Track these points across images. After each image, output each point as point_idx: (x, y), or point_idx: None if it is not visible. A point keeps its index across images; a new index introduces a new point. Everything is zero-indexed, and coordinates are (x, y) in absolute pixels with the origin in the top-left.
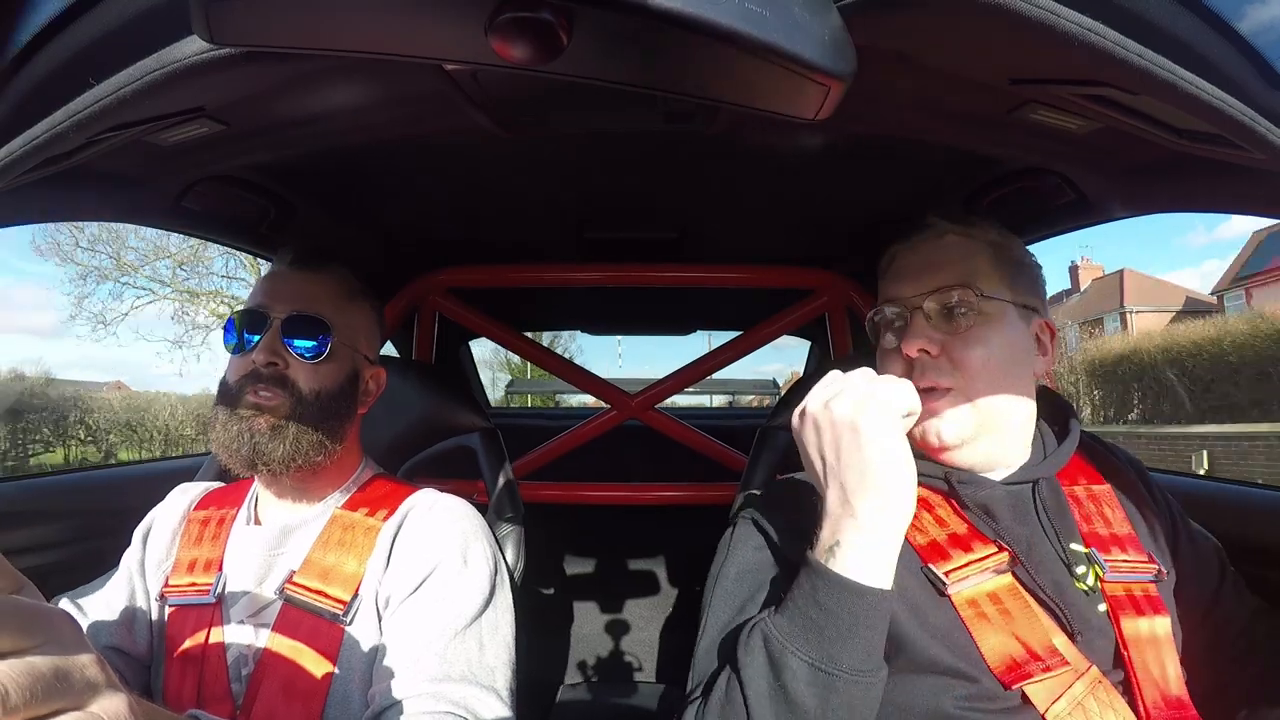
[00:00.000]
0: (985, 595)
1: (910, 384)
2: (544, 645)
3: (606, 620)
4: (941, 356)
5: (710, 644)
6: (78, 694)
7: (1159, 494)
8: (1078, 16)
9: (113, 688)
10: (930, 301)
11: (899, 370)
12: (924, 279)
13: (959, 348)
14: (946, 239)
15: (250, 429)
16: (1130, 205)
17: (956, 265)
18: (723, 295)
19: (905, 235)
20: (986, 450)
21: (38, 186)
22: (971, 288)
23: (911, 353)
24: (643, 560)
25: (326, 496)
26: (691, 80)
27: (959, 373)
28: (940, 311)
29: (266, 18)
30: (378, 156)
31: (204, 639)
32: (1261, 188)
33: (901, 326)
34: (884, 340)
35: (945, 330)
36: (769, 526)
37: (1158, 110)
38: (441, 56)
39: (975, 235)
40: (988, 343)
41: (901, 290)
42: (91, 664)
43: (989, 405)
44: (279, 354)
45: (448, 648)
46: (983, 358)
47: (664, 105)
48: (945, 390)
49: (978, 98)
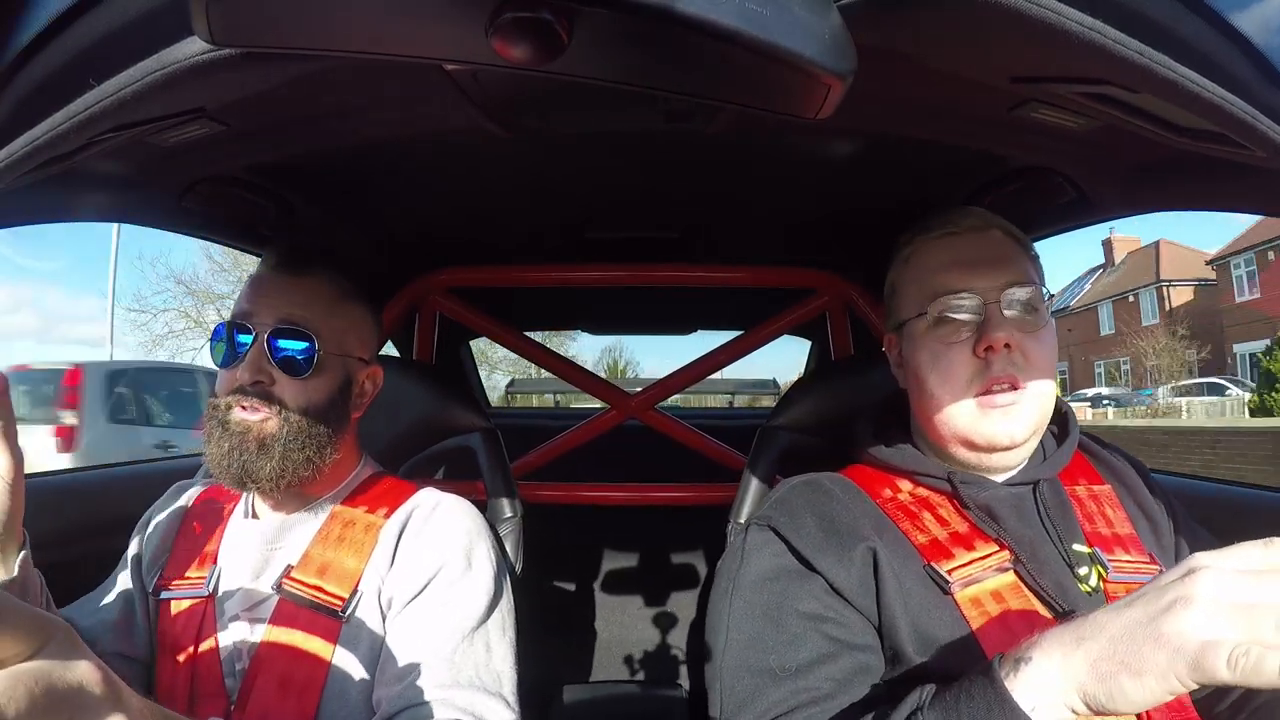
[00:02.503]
0: (988, 594)
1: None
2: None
3: (605, 620)
4: (1016, 352)
5: (740, 660)
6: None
7: (1160, 494)
8: (1079, 15)
9: (114, 704)
10: (1008, 294)
11: (966, 365)
12: (996, 272)
13: (1033, 346)
14: (993, 234)
15: (240, 447)
16: (1131, 204)
17: (1015, 262)
18: (723, 295)
19: (948, 223)
20: (1030, 450)
21: (38, 187)
22: (1039, 286)
23: (998, 346)
24: (642, 560)
25: (323, 497)
26: (692, 79)
27: (1030, 370)
28: (1020, 306)
29: (267, 18)
30: (378, 156)
31: (197, 633)
32: (1263, 186)
33: (972, 320)
34: (941, 332)
35: (1022, 326)
36: (789, 534)
37: (1159, 108)
38: (442, 57)
39: (1012, 233)
40: (1049, 341)
41: (975, 281)
42: (94, 679)
43: (1047, 405)
44: (264, 370)
45: (455, 652)
46: (1049, 356)
47: (664, 105)
48: (1017, 389)
49: (978, 96)
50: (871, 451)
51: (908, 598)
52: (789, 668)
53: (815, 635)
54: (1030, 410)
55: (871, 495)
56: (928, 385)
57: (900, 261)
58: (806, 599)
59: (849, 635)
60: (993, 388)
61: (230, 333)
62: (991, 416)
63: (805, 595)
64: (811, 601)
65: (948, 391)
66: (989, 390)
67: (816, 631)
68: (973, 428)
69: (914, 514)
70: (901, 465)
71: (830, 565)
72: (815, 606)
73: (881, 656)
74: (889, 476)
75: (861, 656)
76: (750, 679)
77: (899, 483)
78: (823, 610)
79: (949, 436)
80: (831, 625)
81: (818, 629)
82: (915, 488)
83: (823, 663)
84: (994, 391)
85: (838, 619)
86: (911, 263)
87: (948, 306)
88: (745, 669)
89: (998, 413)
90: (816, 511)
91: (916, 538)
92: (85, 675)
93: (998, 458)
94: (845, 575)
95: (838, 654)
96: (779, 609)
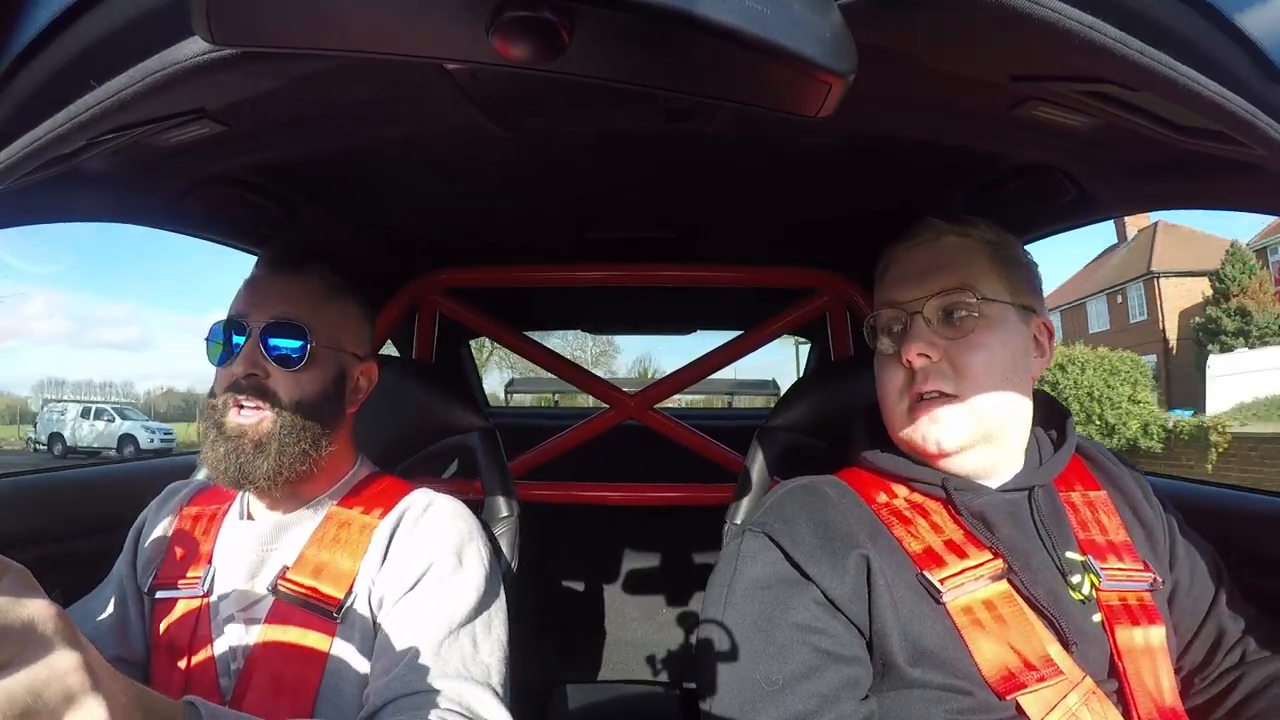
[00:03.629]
0: (980, 603)
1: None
2: (540, 645)
3: (603, 620)
4: (942, 361)
5: (729, 670)
6: (21, 644)
7: (1156, 500)
8: (1079, 13)
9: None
10: (930, 305)
11: (898, 376)
12: (923, 282)
13: (961, 352)
14: (944, 240)
15: (236, 449)
16: (1132, 202)
17: (956, 267)
18: (723, 295)
19: (901, 237)
20: (985, 457)
21: (39, 187)
22: (972, 290)
23: (911, 358)
24: (639, 560)
25: (319, 497)
26: (692, 78)
27: (960, 378)
28: (941, 315)
29: (267, 18)
30: (378, 156)
31: (192, 634)
32: (1263, 184)
33: (900, 331)
34: (881, 345)
35: (946, 335)
36: (784, 541)
37: (1159, 107)
38: (443, 56)
39: (973, 235)
40: (989, 347)
41: (900, 294)
42: (46, 616)
43: (990, 411)
44: (259, 364)
45: (442, 646)
46: (985, 362)
47: (664, 104)
48: (948, 396)
49: (978, 95)
50: (867, 456)
51: (899, 606)
52: (776, 680)
53: (803, 648)
54: (961, 419)
55: (866, 500)
56: (879, 394)
57: (877, 274)
58: (798, 609)
59: (838, 647)
60: (920, 397)
61: (226, 333)
62: (921, 424)
63: (797, 605)
64: (803, 612)
65: (888, 400)
66: (916, 400)
67: (805, 644)
68: (911, 435)
69: (908, 520)
70: (896, 471)
71: (824, 573)
72: (806, 617)
73: (870, 668)
74: (884, 481)
75: (849, 670)
76: (738, 691)
77: (894, 487)
78: (813, 621)
79: (901, 443)
80: (821, 637)
81: (806, 641)
82: (910, 493)
83: (809, 677)
84: (923, 401)
85: (827, 630)
86: (878, 275)
87: (878, 320)
88: (734, 679)
89: (924, 420)
90: (812, 517)
91: (910, 545)
92: (37, 611)
93: (947, 463)
94: (838, 584)
95: (824, 667)
96: (769, 619)
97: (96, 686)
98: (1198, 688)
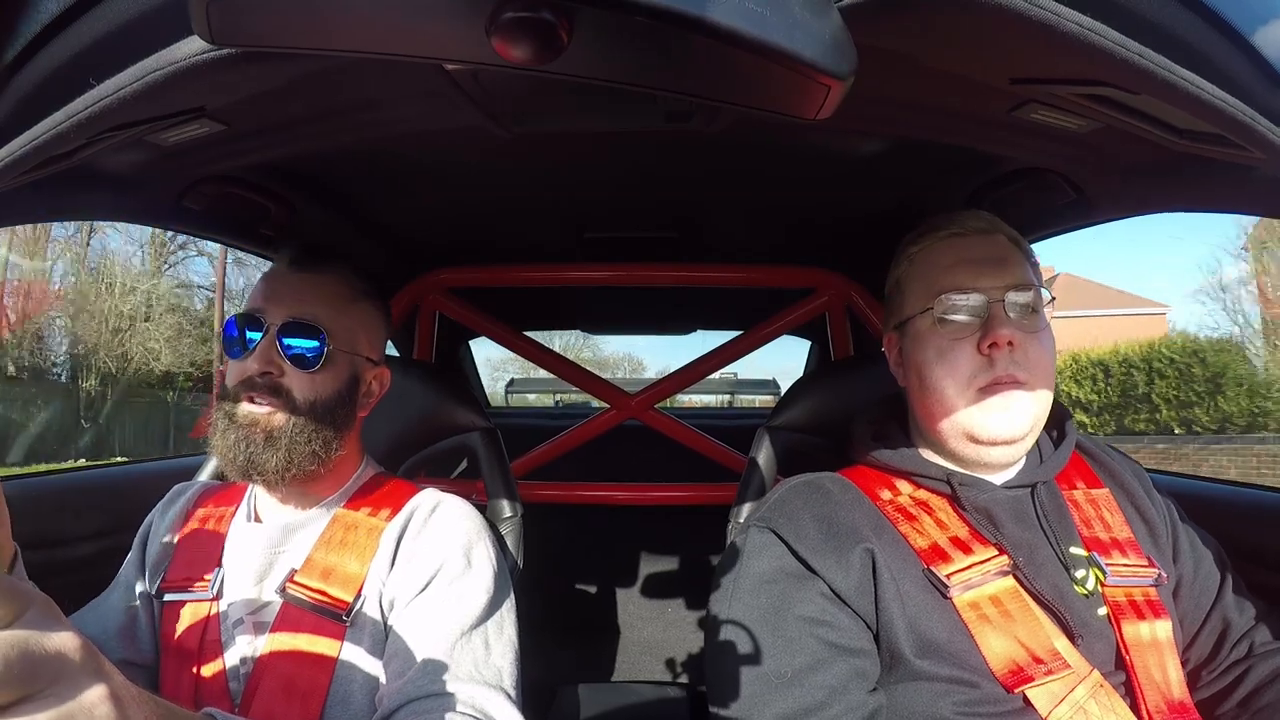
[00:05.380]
0: (987, 598)
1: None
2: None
3: (605, 620)
4: (1019, 350)
5: (737, 663)
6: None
7: (1158, 496)
8: (1078, 16)
9: (94, 674)
10: (1013, 295)
11: (970, 360)
12: (999, 272)
13: (1034, 346)
14: (998, 237)
15: (246, 438)
16: (1130, 205)
17: (1018, 265)
18: (723, 295)
19: (955, 224)
20: (1024, 448)
21: (39, 186)
22: (1039, 290)
23: (1002, 344)
24: (642, 560)
25: (326, 498)
26: (692, 79)
27: (1032, 370)
28: (1022, 308)
29: (267, 18)
30: (378, 156)
31: (201, 637)
32: (1262, 188)
33: (974, 320)
34: (947, 329)
35: (1022, 325)
36: (789, 535)
37: (1158, 110)
38: (442, 56)
39: (1014, 238)
40: (1049, 346)
41: (981, 280)
42: (73, 648)
43: (1045, 404)
44: (274, 362)
45: (454, 648)
46: (1048, 359)
47: (664, 105)
48: (1021, 384)
49: (978, 97)
50: (871, 453)
51: (906, 601)
52: (784, 673)
53: (811, 640)
54: (1030, 407)
55: (871, 497)
56: (931, 380)
57: (905, 260)
58: (805, 602)
59: (845, 640)
60: (995, 383)
61: (242, 327)
62: (993, 410)
63: (804, 598)
64: (809, 605)
65: (952, 385)
66: (992, 386)
67: (812, 636)
68: (976, 420)
69: (913, 516)
70: (900, 466)
71: (829, 567)
72: (812, 610)
73: (877, 661)
74: (888, 478)
75: (856, 662)
76: (746, 684)
77: (898, 484)
78: (819, 614)
79: (951, 430)
80: (828, 629)
81: (814, 633)
82: (915, 489)
83: (817, 669)
84: (998, 387)
85: (834, 623)
86: (918, 261)
87: (954, 303)
88: (742, 673)
89: (999, 404)
90: (815, 513)
91: (915, 541)
92: (64, 644)
93: (998, 452)
94: (844, 577)
95: (832, 660)
96: (777, 612)
97: (124, 716)
98: (1205, 680)
